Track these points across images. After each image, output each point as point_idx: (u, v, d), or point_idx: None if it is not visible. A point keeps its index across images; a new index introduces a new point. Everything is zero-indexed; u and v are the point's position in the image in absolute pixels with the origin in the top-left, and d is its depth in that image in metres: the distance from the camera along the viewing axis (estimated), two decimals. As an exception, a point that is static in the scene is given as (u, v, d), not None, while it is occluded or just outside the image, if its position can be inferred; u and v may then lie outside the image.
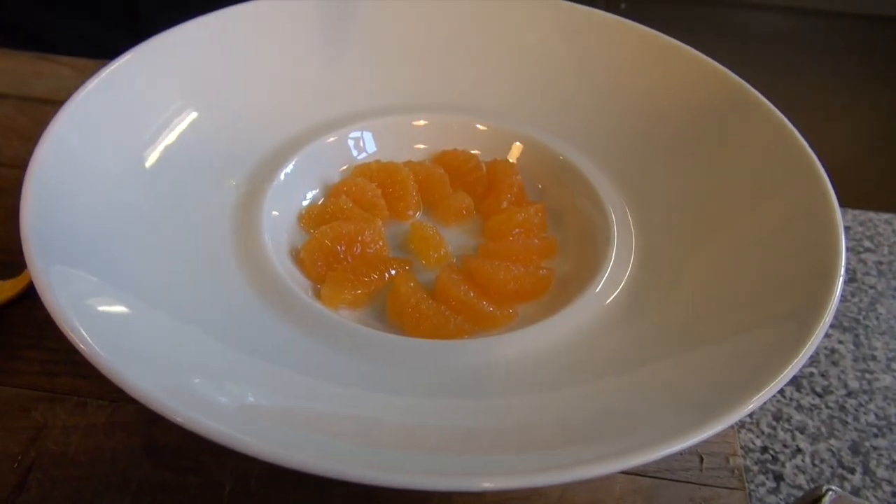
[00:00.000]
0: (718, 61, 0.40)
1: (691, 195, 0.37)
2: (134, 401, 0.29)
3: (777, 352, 0.26)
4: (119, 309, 0.28)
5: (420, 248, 0.38)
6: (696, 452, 0.33)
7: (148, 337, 0.28)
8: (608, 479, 0.31)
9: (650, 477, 0.31)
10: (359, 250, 0.36)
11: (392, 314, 0.35)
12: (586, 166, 0.40)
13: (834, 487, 0.23)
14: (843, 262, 0.29)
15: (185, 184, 0.36)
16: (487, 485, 0.23)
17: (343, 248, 0.36)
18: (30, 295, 0.36)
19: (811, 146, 0.35)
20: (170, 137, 0.37)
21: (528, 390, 0.29)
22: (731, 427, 0.34)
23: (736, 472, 0.32)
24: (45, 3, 0.63)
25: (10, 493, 0.29)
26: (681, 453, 0.33)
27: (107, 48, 0.41)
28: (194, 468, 0.31)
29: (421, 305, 0.34)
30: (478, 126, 0.43)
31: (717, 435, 0.33)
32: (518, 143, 0.43)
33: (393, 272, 0.36)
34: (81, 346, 0.25)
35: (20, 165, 0.31)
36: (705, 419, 0.24)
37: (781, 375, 0.25)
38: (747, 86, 0.39)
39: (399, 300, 0.34)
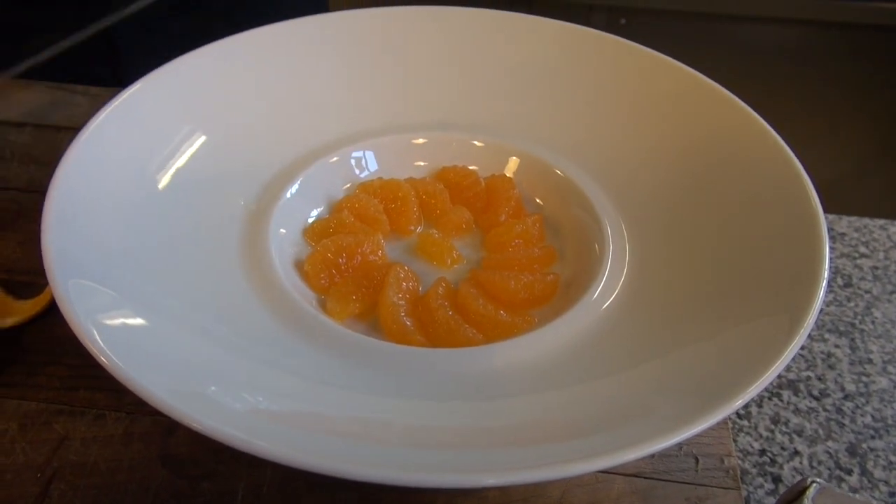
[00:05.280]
0: (716, 75, 0.42)
1: (682, 203, 0.38)
2: (150, 413, 0.31)
3: (771, 342, 0.28)
4: (135, 321, 0.30)
5: (433, 254, 0.40)
6: (692, 454, 0.33)
7: (163, 348, 0.30)
8: (606, 480, 0.32)
9: (647, 478, 0.32)
10: (359, 260, 0.38)
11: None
12: (581, 178, 0.41)
13: (818, 479, 0.24)
14: (827, 260, 0.30)
15: (196, 203, 0.38)
16: (491, 480, 0.24)
17: (344, 260, 0.38)
18: (49, 314, 0.38)
19: (801, 156, 0.36)
20: (181, 160, 0.39)
21: (528, 392, 0.31)
22: (727, 428, 0.35)
23: (731, 472, 0.33)
24: None
25: (33, 502, 0.31)
26: (678, 453, 0.33)
27: None
28: (208, 476, 0.32)
29: (437, 314, 0.35)
30: (475, 143, 0.45)
31: (713, 437, 0.34)
32: (514, 158, 0.44)
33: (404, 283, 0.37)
34: (101, 358, 0.26)
35: (38, 190, 0.32)
36: (707, 408, 0.25)
37: (778, 362, 0.26)
38: (734, 97, 0.40)
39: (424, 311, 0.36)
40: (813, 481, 0.24)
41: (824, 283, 0.30)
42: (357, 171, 0.44)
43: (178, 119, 0.40)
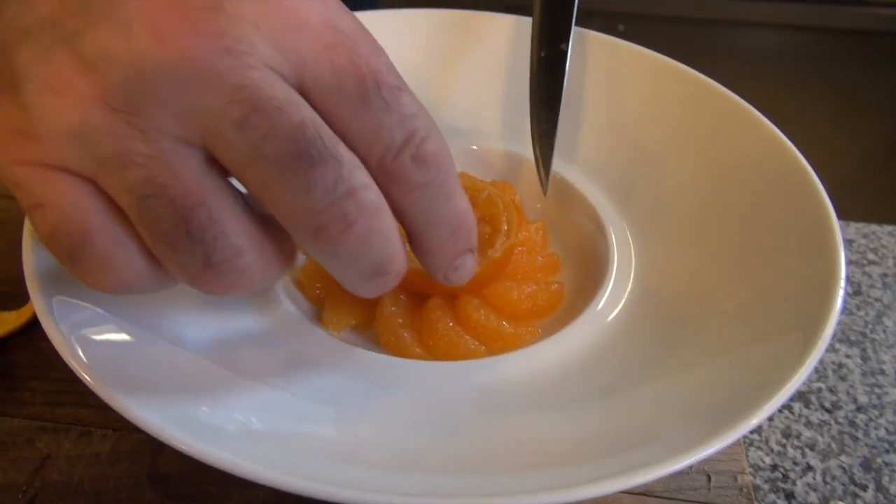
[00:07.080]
0: (716, 80, 0.41)
1: (690, 211, 0.37)
2: (138, 430, 0.29)
3: (785, 360, 0.26)
4: (121, 338, 0.28)
5: None
6: (704, 471, 0.32)
7: (150, 365, 0.28)
8: (614, 499, 0.31)
9: (657, 497, 0.31)
10: None
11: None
12: (583, 184, 0.40)
13: None
14: (844, 271, 0.29)
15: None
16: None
17: None
18: (34, 326, 0.37)
19: (809, 161, 0.35)
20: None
21: (531, 410, 0.29)
22: (740, 444, 0.34)
23: (744, 490, 0.31)
24: None
25: (13, 525, 0.29)
26: (689, 471, 0.32)
27: None
28: (197, 496, 0.31)
29: (437, 325, 0.34)
30: (472, 147, 0.43)
31: (726, 453, 0.33)
32: (514, 163, 0.43)
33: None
34: (83, 374, 0.25)
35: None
36: (718, 429, 0.24)
37: (792, 381, 0.25)
38: (745, 104, 0.39)
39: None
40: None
41: (840, 299, 0.28)
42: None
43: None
